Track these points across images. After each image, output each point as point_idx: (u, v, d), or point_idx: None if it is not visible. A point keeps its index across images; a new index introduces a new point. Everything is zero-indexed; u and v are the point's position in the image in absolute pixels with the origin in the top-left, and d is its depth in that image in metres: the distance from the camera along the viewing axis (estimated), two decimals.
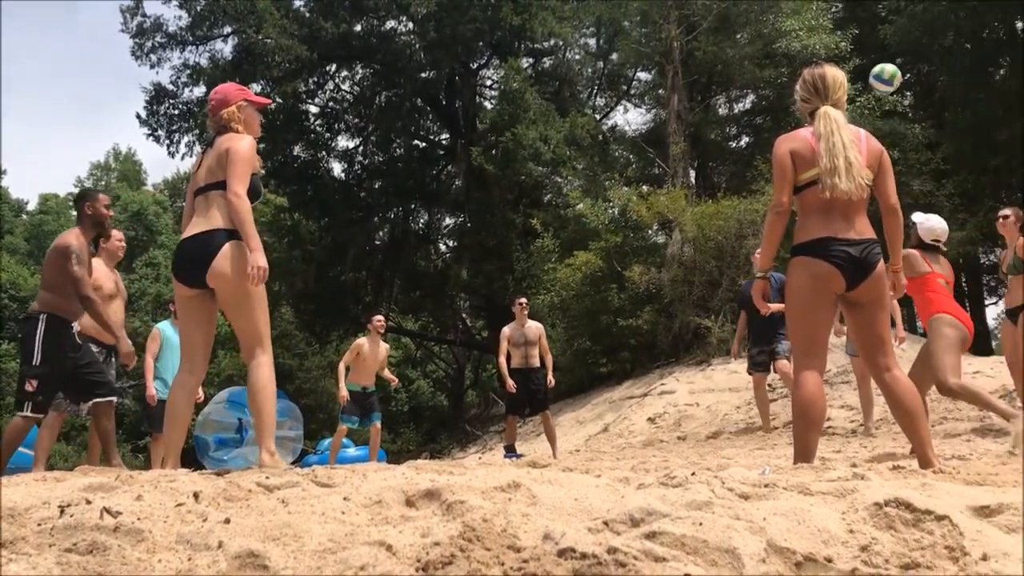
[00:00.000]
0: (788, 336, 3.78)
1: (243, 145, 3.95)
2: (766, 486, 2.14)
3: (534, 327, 9.43)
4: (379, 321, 9.77)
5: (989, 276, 25.97)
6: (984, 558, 1.54)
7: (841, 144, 3.49)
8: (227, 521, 1.87)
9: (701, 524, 1.68)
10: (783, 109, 19.55)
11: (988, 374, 9.09)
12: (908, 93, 23.06)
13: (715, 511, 1.82)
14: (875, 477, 2.36)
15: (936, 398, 8.69)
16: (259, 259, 3.82)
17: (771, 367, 8.86)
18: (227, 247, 3.84)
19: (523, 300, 9.55)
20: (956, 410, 8.28)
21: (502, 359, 9.27)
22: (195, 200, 4.06)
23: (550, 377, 9.42)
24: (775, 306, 8.67)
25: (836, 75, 3.70)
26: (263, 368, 3.92)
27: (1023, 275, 6.62)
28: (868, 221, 3.61)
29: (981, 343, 23.20)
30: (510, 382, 9.08)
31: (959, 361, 5.72)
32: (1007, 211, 6.90)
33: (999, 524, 1.76)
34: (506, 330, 9.37)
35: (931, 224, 6.03)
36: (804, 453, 3.53)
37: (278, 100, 23.92)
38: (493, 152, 22.31)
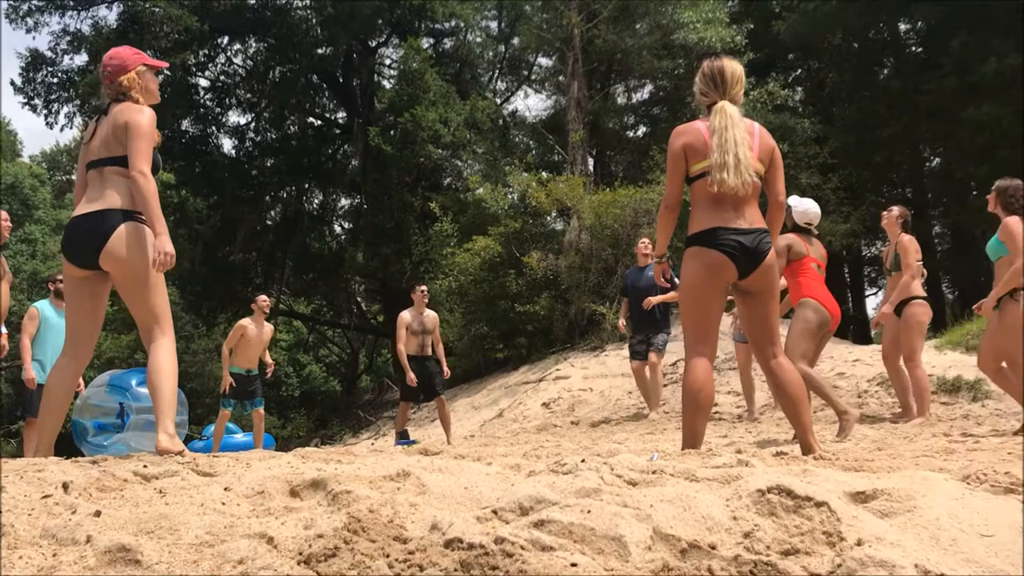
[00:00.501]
0: (681, 323, 3.84)
1: (143, 119, 3.74)
2: (654, 472, 2.16)
3: (432, 315, 9.45)
4: (264, 301, 9.58)
5: (870, 267, 27.21)
6: (859, 543, 1.58)
7: (733, 141, 3.56)
8: (97, 514, 1.77)
9: (589, 512, 1.67)
10: (680, 100, 19.94)
11: (867, 362, 9.49)
12: (799, 89, 23.88)
13: (603, 498, 1.82)
14: (759, 464, 2.41)
15: None
16: (165, 244, 3.63)
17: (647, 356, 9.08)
18: (123, 228, 3.63)
19: (423, 288, 9.54)
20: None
21: (401, 346, 9.21)
22: (88, 174, 3.81)
23: (445, 368, 9.48)
24: (657, 298, 8.92)
25: (735, 69, 3.77)
26: (163, 349, 3.74)
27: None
28: (759, 211, 3.70)
29: (862, 332, 24.29)
30: (411, 375, 9.03)
31: (813, 347, 5.87)
32: (894, 208, 7.19)
33: (873, 509, 1.82)
34: (406, 316, 9.31)
35: (805, 207, 6.19)
36: (692, 438, 3.60)
37: (166, 72, 22.99)
38: (391, 133, 22.06)
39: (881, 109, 20.27)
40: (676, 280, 4.71)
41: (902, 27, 23.16)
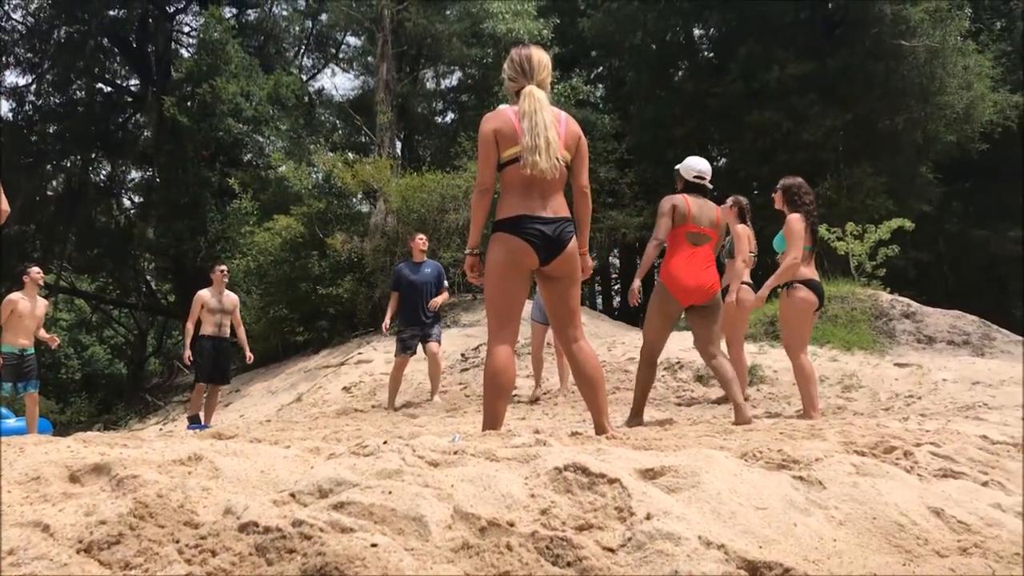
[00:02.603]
0: (485, 308, 3.88)
1: None
2: (455, 453, 2.18)
3: (232, 297, 9.41)
4: (37, 272, 8.92)
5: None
6: (648, 517, 1.66)
7: (543, 124, 3.64)
8: None
9: (390, 493, 1.66)
10: (487, 89, 20.20)
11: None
12: (600, 86, 24.77)
13: (405, 479, 1.82)
14: (556, 443, 2.49)
15: (613, 369, 9.47)
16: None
17: (421, 349, 9.09)
18: None
19: (224, 267, 9.52)
20: (628, 380, 9.04)
21: (190, 324, 9.20)
22: None
23: (248, 353, 9.44)
24: (442, 297, 8.98)
25: (541, 57, 3.84)
26: None
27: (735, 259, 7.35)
28: (564, 201, 3.80)
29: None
30: (188, 352, 9.11)
31: (664, 332, 5.67)
32: (729, 200, 7.54)
33: (661, 485, 1.92)
34: (204, 294, 9.23)
35: (690, 162, 5.82)
36: (492, 420, 3.66)
37: None
38: (188, 104, 21.01)
39: (675, 109, 21.41)
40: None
41: (696, 32, 24.54)
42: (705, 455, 2.21)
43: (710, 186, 5.76)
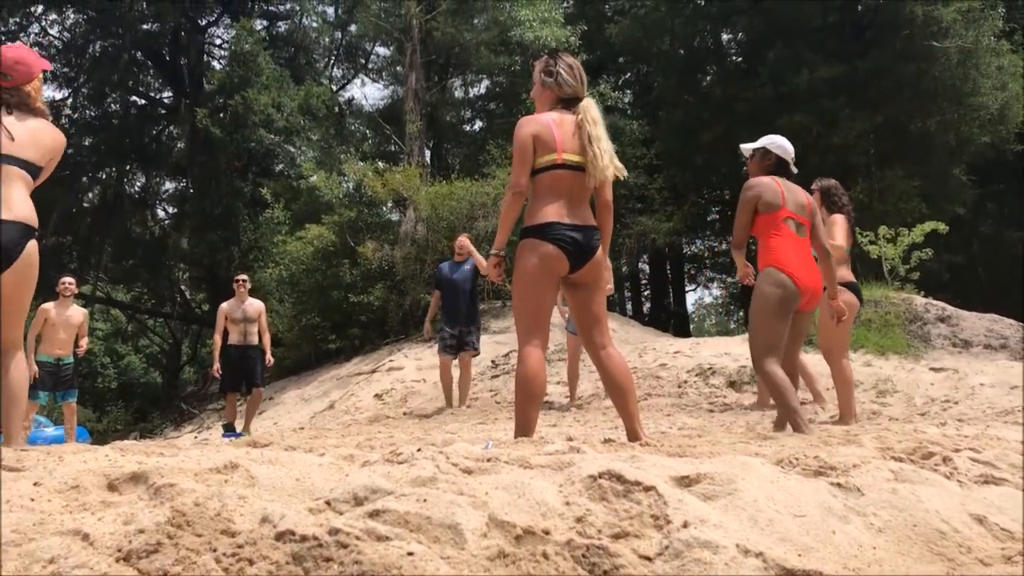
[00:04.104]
0: (514, 314, 3.88)
1: (61, 142, 3.73)
2: (489, 460, 2.17)
3: (255, 304, 9.51)
4: (64, 284, 9.07)
5: (690, 264, 28.58)
6: (685, 525, 1.65)
7: (604, 136, 3.72)
8: None
9: (425, 500, 1.66)
10: (515, 96, 20.23)
11: (687, 354, 9.96)
12: (628, 91, 24.74)
13: (439, 487, 1.82)
14: (589, 450, 2.48)
15: (644, 375, 9.42)
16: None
17: (458, 353, 9.13)
18: (32, 246, 3.52)
19: (243, 277, 9.62)
20: (660, 387, 9.00)
21: (218, 337, 9.41)
22: None
23: (268, 356, 9.52)
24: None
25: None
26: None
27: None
28: (590, 210, 3.81)
29: (682, 325, 25.47)
30: (216, 365, 9.29)
31: (782, 332, 4.60)
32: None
33: (697, 493, 1.90)
34: (225, 306, 9.44)
35: (777, 140, 4.97)
36: (525, 427, 3.66)
37: None
38: (221, 115, 21.25)
39: (703, 114, 21.32)
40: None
41: (724, 37, 24.44)
42: (741, 462, 2.19)
43: (795, 170, 4.97)
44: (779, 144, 4.89)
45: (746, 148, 5.01)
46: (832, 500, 1.98)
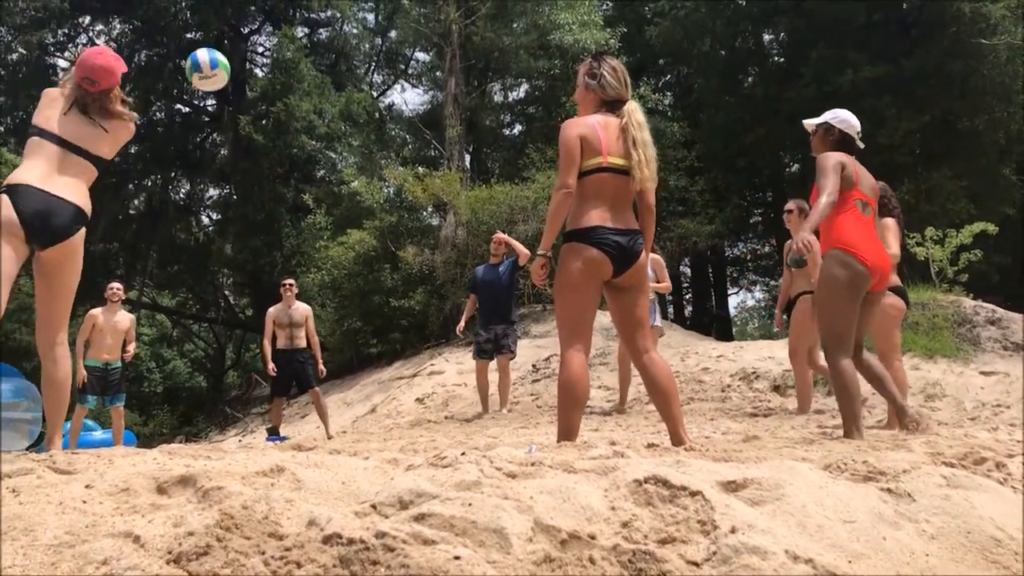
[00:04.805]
0: (556, 318, 3.87)
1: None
2: (533, 465, 2.17)
3: (301, 308, 9.50)
4: (112, 289, 9.20)
5: (732, 268, 28.30)
6: (732, 530, 1.63)
7: (648, 141, 3.70)
8: None
9: (470, 505, 1.66)
10: (555, 100, 20.22)
11: (730, 358, 9.85)
12: (669, 93, 24.60)
13: (484, 491, 1.82)
14: (634, 455, 2.46)
15: (687, 380, 9.34)
16: None
17: (494, 357, 9.04)
18: (81, 233, 3.79)
19: (289, 281, 9.64)
20: (703, 391, 8.92)
21: (266, 341, 9.40)
22: (53, 147, 3.75)
23: (320, 366, 9.51)
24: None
25: None
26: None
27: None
28: (633, 213, 3.79)
29: (724, 328, 25.25)
30: (271, 365, 9.21)
31: (852, 316, 4.36)
32: (790, 205, 7.29)
33: (744, 498, 1.88)
34: (272, 311, 9.44)
35: (843, 115, 4.73)
36: (567, 431, 3.64)
37: (21, 51, 21.69)
38: (263, 122, 21.51)
39: (745, 115, 21.12)
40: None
41: (766, 37, 24.20)
42: (788, 467, 2.16)
43: (861, 145, 4.69)
44: (842, 118, 4.68)
45: (809, 123, 4.81)
46: (882, 506, 1.94)
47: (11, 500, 1.81)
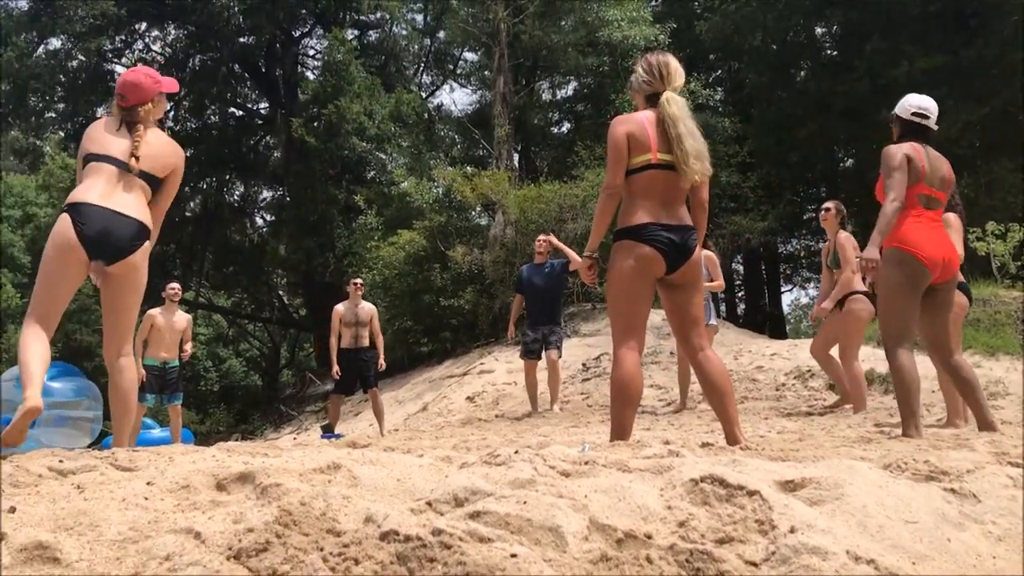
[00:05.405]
0: (609, 317, 3.84)
1: (180, 155, 4.06)
2: (586, 463, 2.16)
3: (367, 308, 9.59)
4: (171, 289, 9.34)
5: (786, 264, 27.89)
6: (792, 531, 1.61)
7: (693, 131, 3.63)
8: (12, 510, 1.69)
9: (525, 503, 1.66)
10: (604, 97, 20.13)
11: (784, 356, 9.72)
12: (719, 89, 24.35)
13: (538, 489, 1.82)
14: (689, 454, 2.44)
15: (741, 378, 9.24)
16: None
17: (542, 355, 9.01)
18: (147, 246, 3.87)
19: (358, 280, 9.75)
20: (757, 389, 8.81)
21: (334, 339, 9.42)
22: (108, 167, 3.79)
23: (381, 361, 9.57)
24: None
25: (677, 65, 3.80)
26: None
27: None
28: (686, 209, 3.75)
29: (778, 327, 24.90)
30: (335, 368, 9.26)
31: (912, 311, 4.38)
32: (829, 204, 7.26)
33: (803, 497, 1.85)
34: (340, 308, 9.48)
35: (912, 101, 4.62)
36: (620, 430, 3.62)
37: (80, 58, 22.23)
38: (315, 124, 21.76)
39: (798, 110, 20.81)
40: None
41: (818, 31, 23.82)
42: (847, 466, 2.12)
43: (935, 127, 4.58)
44: (906, 105, 4.58)
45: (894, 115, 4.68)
46: (946, 506, 1.90)
47: (76, 496, 1.86)
